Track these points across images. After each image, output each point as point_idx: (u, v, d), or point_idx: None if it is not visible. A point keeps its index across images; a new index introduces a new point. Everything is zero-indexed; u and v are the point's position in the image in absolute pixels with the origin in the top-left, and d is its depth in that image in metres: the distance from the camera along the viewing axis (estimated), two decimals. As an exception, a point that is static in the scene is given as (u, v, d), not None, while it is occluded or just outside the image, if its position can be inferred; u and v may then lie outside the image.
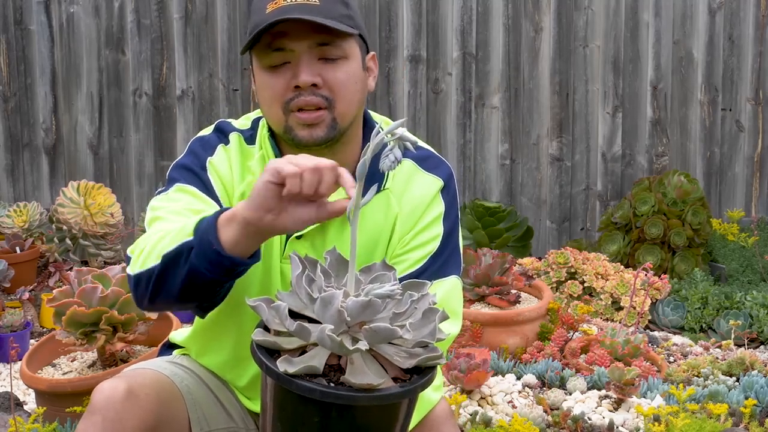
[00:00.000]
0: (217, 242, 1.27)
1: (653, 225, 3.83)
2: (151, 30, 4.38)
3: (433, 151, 1.63)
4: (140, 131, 4.44)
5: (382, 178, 1.55)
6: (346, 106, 1.48)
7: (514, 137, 4.40)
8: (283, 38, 1.44)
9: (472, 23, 4.33)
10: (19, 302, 3.30)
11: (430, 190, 1.56)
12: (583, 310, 3.30)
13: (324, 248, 1.53)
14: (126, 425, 1.38)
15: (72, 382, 2.39)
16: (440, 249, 1.53)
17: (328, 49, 1.46)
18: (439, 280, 1.52)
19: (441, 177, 1.58)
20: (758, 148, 4.42)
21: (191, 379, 1.57)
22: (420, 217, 1.55)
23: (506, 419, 2.41)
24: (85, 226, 3.61)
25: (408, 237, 1.54)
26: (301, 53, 1.44)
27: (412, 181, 1.57)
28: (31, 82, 4.44)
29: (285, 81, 1.46)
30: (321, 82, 1.45)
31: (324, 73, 1.46)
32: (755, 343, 3.25)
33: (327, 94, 1.46)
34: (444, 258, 1.54)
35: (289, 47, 1.44)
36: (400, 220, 1.55)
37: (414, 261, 1.52)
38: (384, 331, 1.15)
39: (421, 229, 1.54)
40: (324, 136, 1.48)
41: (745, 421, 2.36)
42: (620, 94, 4.36)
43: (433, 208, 1.56)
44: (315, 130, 1.47)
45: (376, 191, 1.53)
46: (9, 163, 4.50)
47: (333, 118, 1.48)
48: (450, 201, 1.58)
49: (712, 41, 4.34)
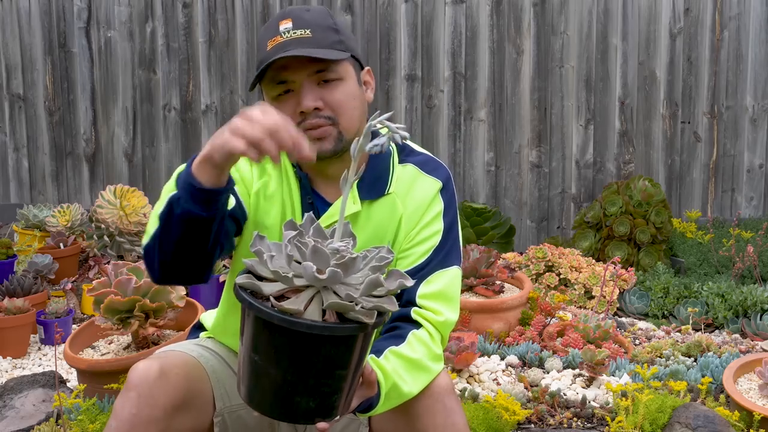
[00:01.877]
0: (196, 182, 1.27)
1: (621, 224, 3.83)
2: (179, 52, 4.38)
3: (432, 156, 1.63)
4: (169, 141, 4.44)
5: (387, 181, 1.55)
6: (347, 120, 1.48)
7: (498, 147, 4.39)
8: (284, 71, 1.44)
9: (462, 46, 4.33)
10: (62, 292, 3.30)
11: (430, 191, 1.56)
12: (559, 299, 3.30)
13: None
14: (158, 401, 1.38)
15: (109, 362, 2.39)
16: (442, 242, 1.54)
17: (324, 74, 1.46)
18: (443, 270, 1.53)
19: (440, 179, 1.58)
20: (713, 156, 4.42)
21: (215, 360, 1.57)
22: (422, 216, 1.55)
23: (491, 395, 2.41)
24: (120, 225, 3.60)
25: (413, 233, 1.54)
26: (301, 82, 1.45)
27: (415, 184, 1.57)
28: (74, 98, 4.44)
29: (291, 108, 1.46)
30: (322, 105, 1.46)
31: (324, 95, 1.46)
32: (711, 327, 3.25)
33: (329, 114, 1.46)
34: (446, 250, 1.54)
35: (290, 78, 1.45)
36: (405, 219, 1.54)
37: (419, 255, 1.52)
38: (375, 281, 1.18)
39: (424, 225, 1.54)
40: (332, 149, 1.48)
41: (702, 396, 2.36)
42: (592, 108, 4.36)
43: (433, 207, 1.55)
44: (323, 143, 1.46)
45: (381, 195, 1.54)
46: (54, 170, 4.50)
47: (339, 132, 1.48)
48: (448, 199, 1.58)
49: (672, 62, 4.34)
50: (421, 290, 1.50)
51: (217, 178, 1.28)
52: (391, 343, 1.45)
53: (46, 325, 2.99)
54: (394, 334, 1.48)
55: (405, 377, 1.43)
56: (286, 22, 1.45)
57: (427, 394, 1.46)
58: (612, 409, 2.35)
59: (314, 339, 1.15)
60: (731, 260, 3.67)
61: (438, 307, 1.50)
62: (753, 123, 4.39)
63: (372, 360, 1.41)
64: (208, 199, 1.28)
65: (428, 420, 1.45)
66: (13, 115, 4.48)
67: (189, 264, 1.37)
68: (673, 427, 2.14)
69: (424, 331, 1.48)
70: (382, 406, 1.41)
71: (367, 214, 1.54)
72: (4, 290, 3.15)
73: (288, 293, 1.19)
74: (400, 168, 1.57)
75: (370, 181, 1.54)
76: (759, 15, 4.31)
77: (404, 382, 1.43)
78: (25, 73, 4.44)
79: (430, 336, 1.48)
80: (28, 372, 2.78)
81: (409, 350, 1.45)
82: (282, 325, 1.14)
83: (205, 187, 1.27)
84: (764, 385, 2.31)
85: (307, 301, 1.17)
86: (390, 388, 1.41)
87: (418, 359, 1.44)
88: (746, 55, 4.34)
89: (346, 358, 1.20)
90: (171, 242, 1.33)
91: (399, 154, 1.60)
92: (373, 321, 1.18)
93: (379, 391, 1.39)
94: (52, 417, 2.27)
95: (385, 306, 1.20)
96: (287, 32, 1.44)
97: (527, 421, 2.31)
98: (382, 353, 1.43)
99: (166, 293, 2.43)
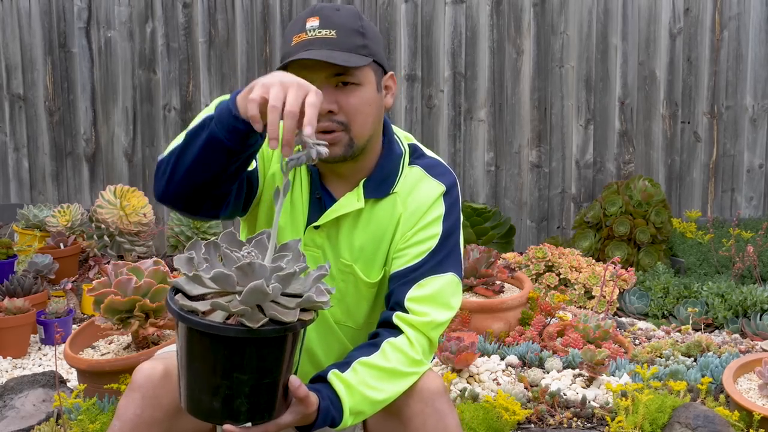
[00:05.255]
0: (235, 108, 1.27)
1: (621, 224, 3.83)
2: (179, 52, 4.37)
3: (442, 161, 1.62)
4: (169, 141, 4.42)
5: (393, 182, 1.55)
6: (360, 127, 1.47)
7: (498, 147, 4.39)
8: (304, 70, 1.42)
9: (462, 46, 4.33)
10: (62, 292, 3.30)
11: (432, 194, 1.55)
12: (559, 299, 3.30)
13: (339, 238, 1.54)
14: (162, 402, 1.38)
15: (109, 362, 2.39)
16: (438, 247, 1.52)
17: (343, 77, 1.45)
18: (437, 275, 1.51)
19: (444, 183, 1.56)
20: (713, 156, 4.42)
21: None
22: (421, 217, 1.53)
23: (491, 395, 2.41)
24: (120, 225, 3.60)
25: (409, 234, 1.53)
26: (319, 83, 1.43)
27: (418, 185, 1.56)
28: (74, 98, 4.44)
29: None
30: (336, 109, 1.44)
31: (340, 99, 1.45)
32: (710, 327, 3.25)
33: (342, 119, 1.45)
34: (442, 255, 1.52)
35: (309, 78, 1.43)
36: (403, 218, 1.54)
37: (413, 256, 1.51)
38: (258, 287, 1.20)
39: (422, 227, 1.53)
40: (342, 154, 1.47)
41: (701, 396, 2.36)
42: (592, 108, 4.36)
43: (433, 210, 1.54)
44: (334, 148, 1.45)
45: (386, 195, 1.54)
46: (54, 170, 4.50)
47: (350, 138, 1.47)
48: (451, 205, 1.56)
49: (672, 62, 4.34)
50: (411, 293, 1.49)
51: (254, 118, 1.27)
52: (362, 354, 1.45)
53: (46, 325, 2.99)
54: (370, 343, 1.48)
55: (377, 386, 1.42)
56: (314, 19, 1.44)
57: (417, 397, 1.46)
58: (612, 409, 2.35)
59: (207, 336, 1.20)
60: (731, 260, 3.67)
61: (425, 310, 1.48)
62: (753, 123, 4.38)
63: (334, 374, 1.41)
64: (238, 131, 1.28)
65: (419, 423, 1.44)
66: (13, 115, 4.48)
67: (194, 189, 1.36)
68: (673, 427, 2.14)
69: (403, 337, 1.47)
70: (354, 418, 1.41)
71: (370, 212, 1.54)
72: (4, 290, 3.15)
73: (215, 296, 1.24)
74: (407, 169, 1.57)
75: (377, 181, 1.54)
76: (759, 15, 4.31)
77: (377, 391, 1.42)
78: (25, 73, 4.44)
79: (408, 342, 1.46)
80: (28, 372, 2.78)
81: (382, 359, 1.44)
82: (181, 321, 1.21)
83: (241, 117, 1.26)
84: (764, 385, 2.31)
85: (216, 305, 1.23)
86: (357, 401, 1.40)
87: (391, 368, 1.43)
88: (746, 55, 4.33)
89: (242, 363, 1.21)
90: (187, 160, 1.32)
91: (410, 156, 1.59)
92: (256, 326, 1.19)
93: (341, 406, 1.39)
94: (52, 417, 2.27)
95: (281, 318, 1.21)
96: (312, 30, 1.43)
97: (527, 421, 2.31)
98: (350, 365, 1.42)
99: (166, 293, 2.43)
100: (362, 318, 1.59)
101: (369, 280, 1.55)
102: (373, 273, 1.55)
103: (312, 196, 1.55)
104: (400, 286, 1.50)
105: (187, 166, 1.33)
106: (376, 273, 1.55)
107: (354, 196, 1.53)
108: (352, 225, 1.54)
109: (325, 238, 1.54)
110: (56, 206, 3.92)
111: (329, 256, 1.54)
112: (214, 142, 1.29)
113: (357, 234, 1.54)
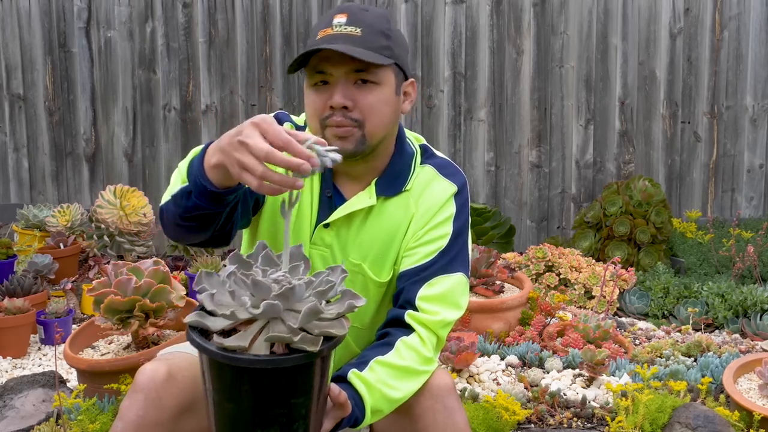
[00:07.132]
0: (208, 183, 1.26)
1: (621, 224, 3.83)
2: (179, 52, 4.37)
3: (452, 162, 1.63)
4: (169, 141, 4.44)
5: (406, 180, 1.55)
6: (373, 126, 1.47)
7: (498, 147, 4.39)
8: (325, 63, 1.43)
9: (462, 46, 4.33)
10: (62, 292, 3.30)
11: (444, 194, 1.56)
12: (559, 299, 3.30)
13: (348, 237, 1.54)
14: (165, 403, 1.38)
15: (109, 362, 2.39)
16: (448, 246, 1.53)
17: (363, 74, 1.45)
18: (446, 275, 1.51)
19: (456, 184, 1.57)
20: (713, 156, 4.42)
21: None
22: (432, 217, 1.54)
23: (491, 395, 2.41)
24: (120, 225, 3.60)
25: (420, 233, 1.54)
26: (338, 77, 1.44)
27: (430, 185, 1.57)
28: (74, 98, 4.44)
29: (323, 100, 1.45)
30: (352, 105, 1.45)
31: (357, 96, 1.45)
32: (711, 327, 3.25)
33: (357, 116, 1.45)
34: (452, 255, 1.53)
35: (329, 71, 1.44)
36: (415, 218, 1.54)
37: (424, 255, 1.52)
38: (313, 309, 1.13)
39: (433, 227, 1.54)
40: (353, 150, 1.47)
41: (702, 396, 2.36)
42: (592, 108, 4.36)
43: (445, 210, 1.55)
44: (345, 143, 1.45)
45: (398, 193, 1.55)
46: (54, 170, 4.50)
47: (363, 134, 1.47)
48: (461, 205, 1.57)
49: (672, 62, 4.34)
50: (422, 292, 1.49)
51: (228, 181, 1.27)
52: (378, 353, 1.45)
53: (46, 325, 2.99)
54: (383, 342, 1.48)
55: (394, 384, 1.43)
56: (342, 16, 1.45)
57: (427, 394, 1.47)
58: (612, 409, 2.35)
59: (260, 373, 1.13)
60: (731, 260, 3.67)
61: (436, 309, 1.49)
62: (753, 123, 4.38)
63: (354, 374, 1.41)
64: (219, 198, 1.29)
65: (429, 420, 1.45)
66: (13, 115, 4.48)
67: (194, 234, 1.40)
68: (673, 427, 2.14)
69: (415, 335, 1.48)
70: (373, 417, 1.41)
71: (381, 209, 1.54)
72: (4, 290, 3.14)
73: (239, 326, 1.17)
74: (419, 168, 1.58)
75: (389, 179, 1.55)
76: (759, 15, 4.31)
77: (394, 390, 1.43)
78: (25, 73, 4.44)
79: (420, 341, 1.47)
80: (28, 372, 2.78)
81: (397, 358, 1.44)
82: (225, 362, 1.13)
83: (216, 190, 1.27)
84: (764, 385, 2.31)
85: (256, 334, 1.15)
86: (377, 399, 1.41)
87: (407, 366, 1.44)
88: (746, 55, 4.33)
89: (300, 387, 1.18)
90: (179, 217, 1.35)
91: (421, 156, 1.60)
92: (317, 348, 1.14)
93: (363, 405, 1.39)
94: (52, 417, 2.27)
95: (331, 331, 1.16)
96: (339, 26, 1.44)
97: (527, 421, 2.31)
98: (367, 365, 1.43)
99: (166, 293, 2.43)
100: (368, 318, 1.60)
101: (379, 279, 1.56)
102: (383, 272, 1.56)
103: (323, 194, 1.56)
104: (411, 285, 1.50)
105: (181, 222, 1.36)
106: (387, 272, 1.56)
107: (366, 194, 1.54)
108: (363, 222, 1.54)
109: (334, 237, 1.54)
110: (56, 206, 3.92)
111: (337, 254, 1.55)
112: (199, 207, 1.31)
113: (368, 232, 1.54)
